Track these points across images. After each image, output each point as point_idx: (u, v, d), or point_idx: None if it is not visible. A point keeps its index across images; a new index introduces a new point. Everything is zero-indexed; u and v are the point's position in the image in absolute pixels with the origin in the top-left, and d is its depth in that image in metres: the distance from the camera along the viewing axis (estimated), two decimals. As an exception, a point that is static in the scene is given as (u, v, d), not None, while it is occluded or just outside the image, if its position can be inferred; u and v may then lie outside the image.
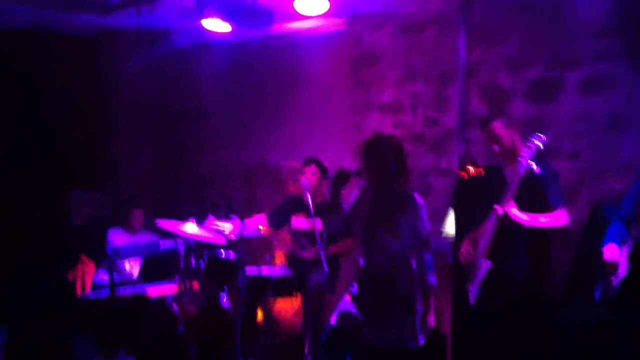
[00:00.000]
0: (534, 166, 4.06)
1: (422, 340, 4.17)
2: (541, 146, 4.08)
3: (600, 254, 4.10)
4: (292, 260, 5.86)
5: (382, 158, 4.21)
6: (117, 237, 7.05)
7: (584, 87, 5.34)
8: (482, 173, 5.11)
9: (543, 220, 4.22)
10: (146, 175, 9.09)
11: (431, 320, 4.19)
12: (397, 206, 4.21)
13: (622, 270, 3.92)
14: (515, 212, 4.16)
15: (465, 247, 4.54)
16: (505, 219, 4.17)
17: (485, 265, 4.34)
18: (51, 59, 8.14)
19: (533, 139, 4.10)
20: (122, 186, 8.78)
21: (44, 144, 8.08)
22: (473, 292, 4.47)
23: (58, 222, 7.51)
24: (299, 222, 5.90)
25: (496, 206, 4.19)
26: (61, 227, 7.47)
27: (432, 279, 4.17)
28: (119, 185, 8.70)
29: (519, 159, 4.11)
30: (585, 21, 5.33)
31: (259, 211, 7.63)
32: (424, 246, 4.19)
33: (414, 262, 4.20)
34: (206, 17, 6.16)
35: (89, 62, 8.75)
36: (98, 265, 6.38)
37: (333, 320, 4.34)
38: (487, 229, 4.34)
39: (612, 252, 4.02)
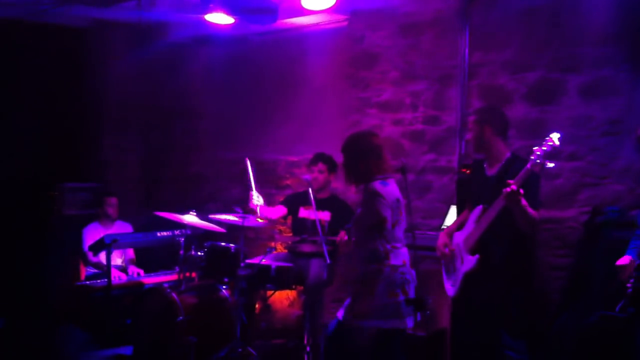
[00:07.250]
0: (549, 164, 4.00)
1: (410, 322, 4.17)
2: (557, 143, 4.00)
3: (601, 256, 4.16)
4: (292, 252, 5.87)
5: (351, 156, 4.36)
6: (93, 233, 6.61)
7: (585, 91, 5.41)
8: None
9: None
10: (133, 175, 8.88)
11: (361, 307, 4.16)
12: (363, 200, 4.31)
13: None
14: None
15: (442, 241, 4.57)
16: (511, 198, 4.03)
17: (472, 259, 4.30)
18: (41, 50, 8.06)
19: (550, 136, 4.02)
20: (108, 185, 8.41)
21: (27, 137, 7.96)
22: (453, 283, 4.47)
23: (51, 213, 7.43)
24: (306, 212, 5.95)
25: (505, 189, 4.01)
26: (55, 217, 7.39)
27: (372, 267, 4.19)
28: (105, 184, 8.37)
29: (532, 155, 4.03)
30: (586, 28, 5.39)
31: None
32: (368, 235, 4.23)
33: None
34: (211, 12, 6.14)
35: (80, 54, 8.67)
36: (95, 254, 6.32)
37: (340, 314, 4.35)
38: (484, 220, 4.29)
39: (625, 262, 4.12)
